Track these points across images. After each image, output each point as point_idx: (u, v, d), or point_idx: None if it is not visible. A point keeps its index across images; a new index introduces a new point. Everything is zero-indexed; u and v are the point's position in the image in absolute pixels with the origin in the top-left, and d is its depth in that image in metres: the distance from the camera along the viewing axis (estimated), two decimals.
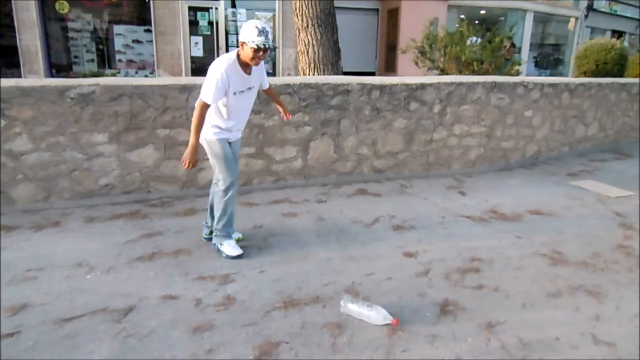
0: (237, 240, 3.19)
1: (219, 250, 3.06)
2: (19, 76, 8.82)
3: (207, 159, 4.20)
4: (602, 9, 17.24)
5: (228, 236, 3.08)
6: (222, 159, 2.91)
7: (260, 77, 3.01)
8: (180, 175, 4.22)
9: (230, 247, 3.04)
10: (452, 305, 2.55)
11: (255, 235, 3.42)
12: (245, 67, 2.79)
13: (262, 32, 2.60)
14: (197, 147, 2.76)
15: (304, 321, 2.36)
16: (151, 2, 9.66)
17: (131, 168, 4.05)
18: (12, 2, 8.72)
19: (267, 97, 4.32)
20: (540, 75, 15.48)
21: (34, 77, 8.78)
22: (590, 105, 6.84)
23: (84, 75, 8.84)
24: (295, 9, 5.70)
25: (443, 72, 7.52)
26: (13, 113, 3.63)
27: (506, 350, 2.18)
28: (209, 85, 2.67)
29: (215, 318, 2.37)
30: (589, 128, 6.99)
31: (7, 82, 3.63)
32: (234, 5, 10.42)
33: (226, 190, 2.96)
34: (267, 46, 2.63)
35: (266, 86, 3.15)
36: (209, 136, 2.88)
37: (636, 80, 7.78)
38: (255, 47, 2.61)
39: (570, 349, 2.20)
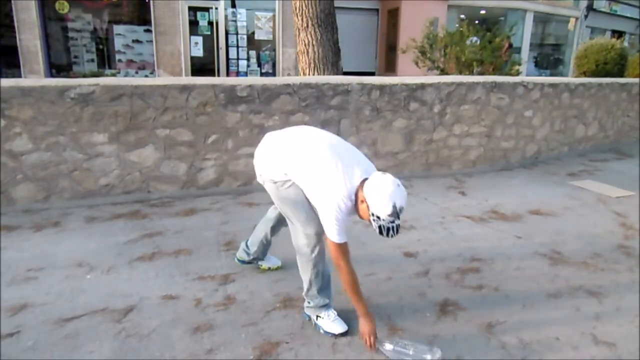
0: (277, 269, 2.82)
1: (315, 325, 2.32)
2: (19, 76, 8.83)
3: (207, 158, 4.27)
4: (602, 9, 17.25)
5: (326, 307, 2.32)
6: (297, 203, 2.18)
7: None
8: (180, 175, 4.22)
9: (330, 322, 2.28)
10: (452, 305, 2.55)
11: None
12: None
13: (396, 213, 1.87)
14: (370, 315, 2.16)
15: (304, 321, 2.36)
16: (151, 2, 9.67)
17: (131, 168, 4.05)
18: (12, 2, 8.73)
19: (268, 97, 4.32)
20: (540, 75, 15.48)
21: (34, 77, 8.78)
22: (590, 105, 6.84)
23: (84, 75, 8.85)
24: (295, 9, 5.70)
25: (443, 72, 7.53)
26: (13, 113, 3.63)
27: (506, 350, 2.18)
28: (330, 222, 2.00)
29: (216, 318, 2.37)
30: (589, 128, 6.99)
31: (7, 82, 3.63)
32: (234, 5, 10.43)
33: (312, 246, 2.21)
34: (389, 234, 1.89)
35: None
36: (277, 177, 2.20)
37: (636, 80, 7.77)
38: (377, 229, 1.90)
39: (570, 349, 2.20)
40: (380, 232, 1.89)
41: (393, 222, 1.89)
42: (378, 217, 1.88)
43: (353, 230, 3.57)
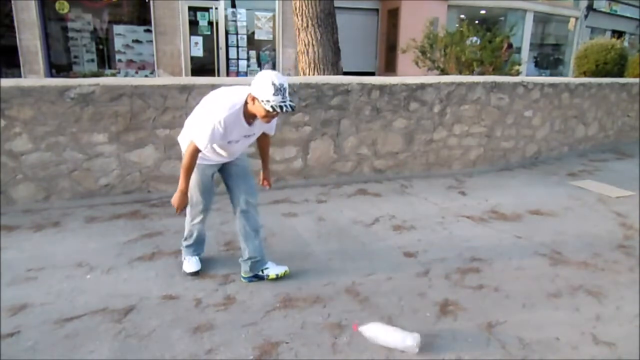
0: (284, 275, 2.77)
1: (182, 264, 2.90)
2: (19, 76, 8.82)
3: None
4: (602, 9, 17.23)
5: (193, 254, 2.90)
6: (196, 184, 2.68)
7: (266, 126, 2.56)
8: None
9: (187, 263, 2.85)
10: (452, 305, 2.55)
11: None
12: (250, 117, 2.38)
13: (279, 90, 2.18)
14: (187, 192, 2.56)
15: (304, 321, 2.36)
16: (151, 2, 9.66)
17: (131, 168, 4.05)
18: (12, 2, 8.72)
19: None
20: (540, 75, 15.47)
21: (34, 77, 8.78)
22: (591, 105, 6.84)
23: (84, 75, 8.83)
24: (295, 9, 5.71)
25: (443, 72, 7.52)
26: (13, 113, 3.63)
27: (506, 350, 2.18)
28: (204, 130, 2.30)
29: (215, 318, 2.37)
30: (589, 128, 6.99)
31: (7, 82, 3.63)
32: (234, 5, 10.42)
33: (194, 218, 2.79)
34: (284, 109, 2.21)
35: (272, 134, 2.74)
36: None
37: (636, 80, 7.77)
38: (270, 109, 2.20)
39: (570, 349, 2.20)
40: (275, 110, 2.21)
41: (283, 100, 2.21)
42: (268, 101, 2.19)
43: (352, 231, 3.57)
